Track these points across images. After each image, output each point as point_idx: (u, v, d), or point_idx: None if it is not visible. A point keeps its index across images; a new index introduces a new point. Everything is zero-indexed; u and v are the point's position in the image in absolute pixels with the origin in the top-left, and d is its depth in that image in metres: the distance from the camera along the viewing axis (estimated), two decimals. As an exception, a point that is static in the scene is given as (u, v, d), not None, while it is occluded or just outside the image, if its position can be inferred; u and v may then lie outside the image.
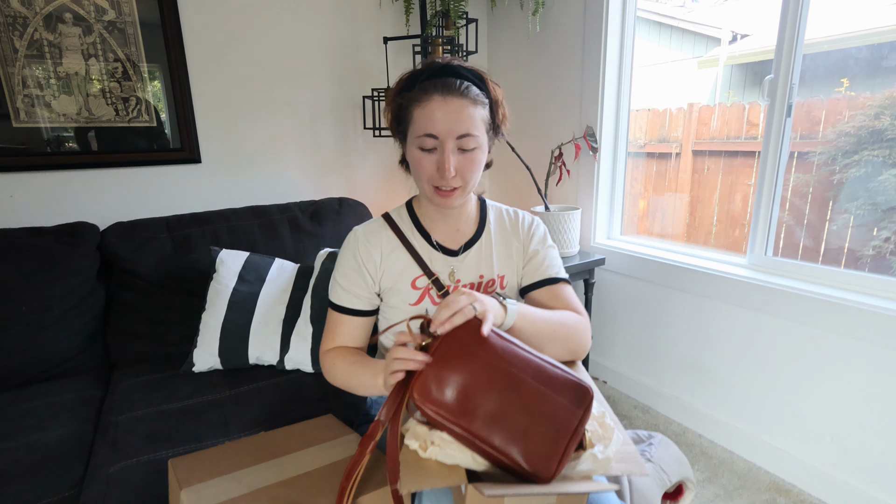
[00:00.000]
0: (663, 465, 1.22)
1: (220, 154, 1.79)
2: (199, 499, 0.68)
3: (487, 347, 0.67)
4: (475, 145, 0.82)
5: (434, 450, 0.64)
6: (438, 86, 0.80)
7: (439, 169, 0.81)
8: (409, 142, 0.85)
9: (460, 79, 0.82)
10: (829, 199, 1.44)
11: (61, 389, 1.25)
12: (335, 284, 0.93)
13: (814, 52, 1.40)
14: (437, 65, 0.83)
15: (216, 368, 1.33)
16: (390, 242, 0.92)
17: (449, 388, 0.65)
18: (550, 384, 0.67)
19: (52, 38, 1.45)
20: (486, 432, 0.64)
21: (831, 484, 1.38)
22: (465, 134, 0.80)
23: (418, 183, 0.87)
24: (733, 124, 1.70)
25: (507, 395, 0.65)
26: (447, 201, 0.85)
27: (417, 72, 0.84)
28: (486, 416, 0.65)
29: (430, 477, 0.62)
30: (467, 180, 0.84)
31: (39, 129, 1.49)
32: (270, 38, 1.80)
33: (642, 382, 1.90)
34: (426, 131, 0.80)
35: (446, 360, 0.66)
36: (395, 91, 0.86)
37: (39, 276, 1.31)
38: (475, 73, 0.84)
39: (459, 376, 0.66)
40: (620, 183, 1.94)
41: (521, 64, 2.15)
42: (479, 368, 0.66)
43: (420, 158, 0.83)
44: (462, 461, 0.65)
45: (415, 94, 0.81)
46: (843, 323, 1.29)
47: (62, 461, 1.00)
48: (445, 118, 0.79)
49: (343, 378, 0.88)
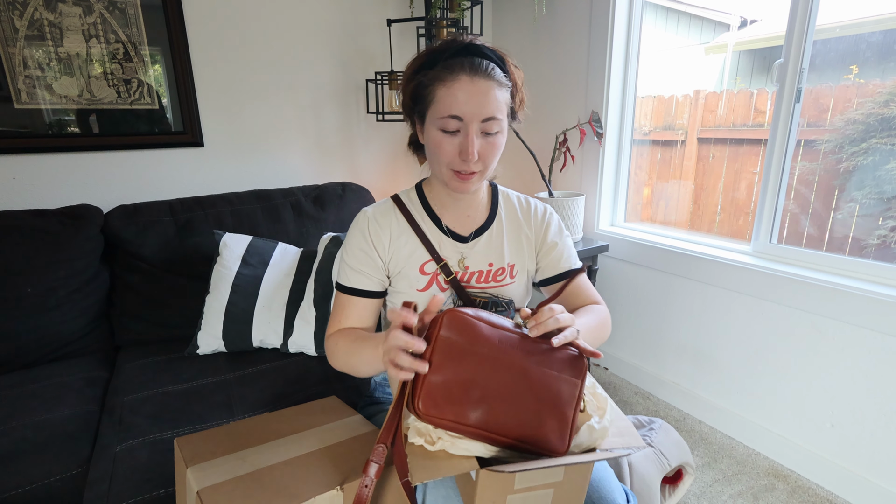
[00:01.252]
0: (663, 450, 1.23)
1: (223, 138, 1.78)
2: (205, 477, 0.69)
3: (483, 341, 0.65)
4: (498, 129, 0.80)
5: (444, 443, 0.63)
6: (465, 65, 0.76)
7: (462, 152, 0.79)
8: (427, 122, 0.81)
9: (486, 59, 0.78)
10: (835, 188, 1.43)
11: (67, 371, 1.26)
12: (343, 266, 0.90)
13: (824, 38, 1.38)
14: (460, 43, 0.79)
15: (220, 351, 1.34)
16: (399, 226, 0.89)
17: (455, 394, 0.63)
18: (550, 363, 0.67)
19: (52, 18, 1.44)
20: (500, 427, 0.64)
21: (830, 470, 1.39)
22: (491, 117, 0.78)
23: (435, 166, 0.84)
24: (740, 111, 1.68)
25: (514, 386, 0.65)
26: (465, 185, 0.83)
27: (439, 49, 0.80)
28: (497, 411, 0.64)
29: (441, 466, 0.61)
30: (487, 165, 0.82)
31: (41, 110, 1.48)
32: (273, 20, 1.78)
33: (644, 369, 1.91)
34: (451, 112, 0.77)
35: (446, 365, 0.63)
36: (415, 68, 0.82)
37: (43, 259, 1.31)
38: (497, 55, 0.81)
39: (463, 378, 0.63)
40: (625, 170, 1.93)
41: (526, 47, 2.12)
42: (481, 366, 0.64)
43: (441, 141, 0.80)
44: (476, 451, 0.64)
45: (438, 73, 0.77)
46: (846, 310, 1.29)
47: (69, 440, 1.02)
48: (472, 99, 0.76)
49: (345, 357, 0.85)
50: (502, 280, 0.92)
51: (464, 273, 0.90)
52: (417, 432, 0.65)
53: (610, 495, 0.80)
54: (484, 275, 0.91)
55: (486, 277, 0.91)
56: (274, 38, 1.79)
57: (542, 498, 0.66)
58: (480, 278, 0.90)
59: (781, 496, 1.38)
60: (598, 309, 0.92)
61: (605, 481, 0.82)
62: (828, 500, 1.36)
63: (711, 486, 1.41)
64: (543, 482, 0.65)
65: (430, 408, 0.62)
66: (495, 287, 0.91)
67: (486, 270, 0.91)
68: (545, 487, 0.65)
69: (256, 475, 0.70)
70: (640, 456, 1.19)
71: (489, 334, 0.66)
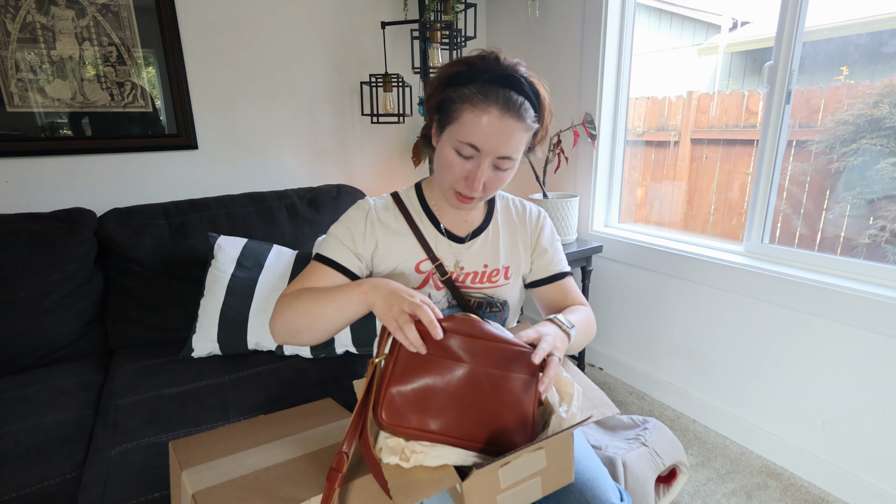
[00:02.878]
0: (657, 450, 1.24)
1: (217, 140, 1.78)
2: (200, 479, 0.69)
3: (443, 349, 0.66)
4: (510, 166, 0.81)
5: (418, 457, 0.63)
6: (500, 98, 0.75)
7: (468, 178, 0.80)
8: (445, 136, 0.81)
9: (522, 95, 0.77)
10: (826, 188, 1.44)
11: (61, 374, 1.26)
12: (329, 239, 0.89)
13: (814, 40, 1.39)
14: (502, 68, 0.77)
15: (215, 354, 1.33)
16: (398, 222, 0.91)
17: (417, 402, 0.64)
18: (507, 365, 0.68)
19: (44, 21, 1.43)
20: (464, 432, 0.65)
21: (822, 468, 1.40)
22: (507, 157, 0.79)
23: (439, 178, 0.85)
24: (732, 112, 1.70)
25: (473, 390, 0.66)
26: (463, 206, 0.85)
27: (479, 67, 0.77)
28: (459, 416, 0.65)
29: (423, 486, 0.61)
30: (490, 193, 0.84)
31: (33, 113, 1.47)
32: (267, 23, 1.78)
33: (638, 369, 1.92)
34: (470, 141, 0.76)
35: (408, 374, 0.64)
36: (448, 77, 0.79)
37: (36, 262, 1.31)
38: (535, 91, 0.79)
39: (424, 387, 0.64)
40: (619, 171, 1.94)
41: (519, 49, 2.13)
42: (441, 374, 0.65)
43: (452, 161, 0.80)
44: (451, 458, 0.65)
45: (471, 95, 0.76)
46: (837, 309, 1.30)
47: (63, 444, 1.01)
48: (495, 136, 0.76)
49: (306, 303, 0.78)
50: (497, 281, 0.93)
51: (459, 273, 0.91)
52: (391, 450, 0.64)
53: (604, 494, 0.81)
54: (479, 275, 0.92)
55: (480, 278, 0.92)
56: (268, 40, 1.79)
57: (532, 488, 0.67)
58: (475, 279, 0.92)
59: (774, 494, 1.39)
60: (584, 310, 0.95)
61: (599, 481, 0.83)
62: (820, 498, 1.37)
63: (705, 485, 1.42)
64: (529, 472, 0.66)
65: (393, 417, 0.63)
66: (490, 288, 0.92)
67: (482, 271, 0.92)
68: (532, 477, 0.67)
69: (252, 478, 0.70)
70: (635, 455, 1.19)
71: (448, 343, 0.67)
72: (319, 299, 0.78)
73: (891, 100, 1.28)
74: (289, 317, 0.80)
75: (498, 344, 0.69)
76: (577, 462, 0.85)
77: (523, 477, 0.65)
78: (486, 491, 0.63)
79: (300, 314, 0.79)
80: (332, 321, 0.78)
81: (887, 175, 1.30)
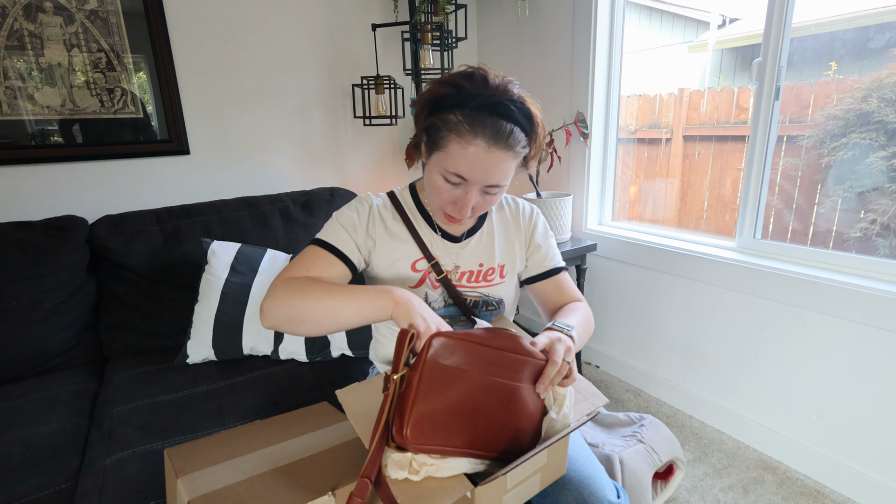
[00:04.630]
0: (654, 446, 1.25)
1: (209, 145, 1.77)
2: (196, 486, 0.69)
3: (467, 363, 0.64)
4: (498, 192, 0.81)
5: (429, 469, 0.62)
6: (487, 129, 0.72)
7: (456, 203, 0.80)
8: (433, 161, 0.80)
9: (511, 122, 0.74)
10: (817, 183, 1.45)
11: (55, 383, 1.25)
12: (332, 225, 0.87)
13: (802, 36, 1.40)
14: (490, 94, 0.73)
15: (210, 360, 1.33)
16: (394, 221, 0.91)
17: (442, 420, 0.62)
18: (515, 375, 0.68)
19: (32, 28, 1.42)
20: (485, 444, 0.65)
21: (817, 460, 1.41)
22: (495, 185, 0.78)
23: (430, 199, 0.85)
24: (723, 109, 1.71)
25: (492, 402, 0.66)
26: (452, 226, 0.86)
27: (466, 92, 0.74)
28: (481, 429, 0.65)
29: (435, 496, 0.60)
30: (478, 214, 0.85)
31: (23, 121, 1.46)
32: (257, 26, 1.77)
33: (634, 366, 1.93)
34: (457, 171, 0.75)
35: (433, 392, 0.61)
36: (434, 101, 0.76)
37: (28, 271, 1.30)
38: (526, 113, 0.76)
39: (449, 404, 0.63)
40: (611, 169, 1.95)
41: (510, 50, 2.13)
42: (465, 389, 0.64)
43: (440, 186, 0.79)
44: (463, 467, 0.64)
45: (456, 124, 0.73)
46: (830, 303, 1.31)
47: (58, 454, 1.01)
48: (482, 167, 0.74)
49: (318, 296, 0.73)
50: (492, 280, 0.93)
51: (455, 273, 0.91)
52: (397, 465, 0.62)
53: (601, 492, 0.81)
54: (475, 275, 0.92)
55: (476, 277, 0.92)
56: (259, 43, 1.79)
57: (532, 484, 0.69)
58: (471, 278, 0.92)
59: (771, 488, 1.40)
60: (581, 307, 0.94)
61: (596, 478, 0.83)
62: (815, 490, 1.38)
63: (702, 480, 1.43)
64: (532, 470, 0.67)
65: (419, 437, 0.60)
66: (485, 287, 0.93)
67: (477, 270, 0.93)
68: (533, 475, 0.68)
69: (248, 483, 0.70)
70: (632, 452, 1.20)
71: (471, 356, 0.64)
72: (339, 295, 0.73)
73: (879, 94, 1.29)
74: (296, 303, 0.73)
75: (517, 356, 0.68)
76: (573, 460, 0.85)
77: (526, 475, 0.67)
78: (496, 493, 0.64)
79: (312, 304, 0.73)
80: (347, 320, 0.73)
81: (877, 169, 1.31)
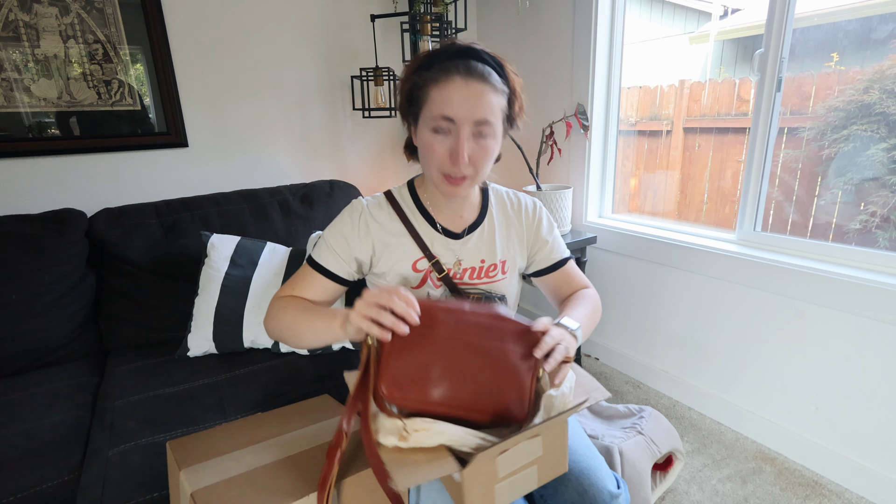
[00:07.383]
0: (653, 437, 1.25)
1: (208, 138, 1.76)
2: (198, 479, 0.69)
3: (438, 324, 0.68)
4: (490, 133, 0.80)
5: (419, 435, 0.63)
6: (460, 67, 0.77)
7: (452, 154, 0.79)
8: (421, 123, 0.81)
9: (482, 63, 0.78)
10: (817, 175, 1.45)
11: (56, 377, 1.25)
12: (322, 243, 0.90)
13: (804, 27, 1.39)
14: (458, 46, 0.80)
15: (211, 353, 1.33)
16: (392, 222, 0.90)
17: (416, 374, 0.66)
18: (504, 338, 0.70)
19: (27, 19, 1.41)
20: (463, 402, 0.67)
21: (815, 451, 1.42)
22: (483, 120, 0.77)
23: (426, 169, 0.85)
24: (724, 101, 1.70)
25: (472, 362, 0.68)
26: (455, 189, 0.83)
27: (437, 51, 0.80)
28: (458, 387, 0.67)
29: (422, 469, 0.61)
30: (478, 169, 0.82)
31: (20, 113, 1.45)
32: (255, 17, 1.76)
33: (633, 358, 1.93)
34: (443, 113, 0.77)
35: (405, 348, 0.66)
36: (411, 69, 0.82)
37: (27, 264, 1.29)
38: (496, 60, 0.81)
39: (422, 360, 0.67)
40: (612, 161, 1.94)
41: (510, 41, 2.12)
42: (438, 346, 0.67)
43: (432, 142, 0.79)
44: (452, 434, 0.65)
45: (433, 74, 0.78)
46: (829, 295, 1.31)
47: (60, 447, 1.01)
48: (465, 101, 0.76)
49: (291, 320, 0.83)
50: (494, 276, 0.93)
51: (456, 270, 0.90)
52: (388, 431, 0.64)
53: (601, 482, 0.82)
54: (476, 271, 0.92)
55: (478, 274, 0.92)
56: (257, 34, 1.77)
57: (528, 477, 0.68)
58: (473, 275, 0.91)
59: (769, 478, 1.41)
60: (589, 294, 0.95)
61: (596, 469, 0.84)
62: (813, 481, 1.39)
63: (701, 471, 1.44)
64: (526, 461, 0.67)
65: (394, 390, 0.65)
66: (487, 283, 0.92)
67: (479, 267, 0.92)
68: (528, 466, 0.68)
69: (250, 475, 0.70)
70: (631, 444, 1.21)
71: (444, 318, 0.69)
72: (302, 320, 0.82)
73: (881, 85, 1.28)
74: (274, 325, 0.86)
75: (493, 320, 0.71)
76: (573, 451, 0.86)
77: (520, 466, 0.66)
78: (485, 480, 0.63)
79: (285, 327, 0.84)
80: (312, 341, 0.82)
81: (878, 161, 1.31)
